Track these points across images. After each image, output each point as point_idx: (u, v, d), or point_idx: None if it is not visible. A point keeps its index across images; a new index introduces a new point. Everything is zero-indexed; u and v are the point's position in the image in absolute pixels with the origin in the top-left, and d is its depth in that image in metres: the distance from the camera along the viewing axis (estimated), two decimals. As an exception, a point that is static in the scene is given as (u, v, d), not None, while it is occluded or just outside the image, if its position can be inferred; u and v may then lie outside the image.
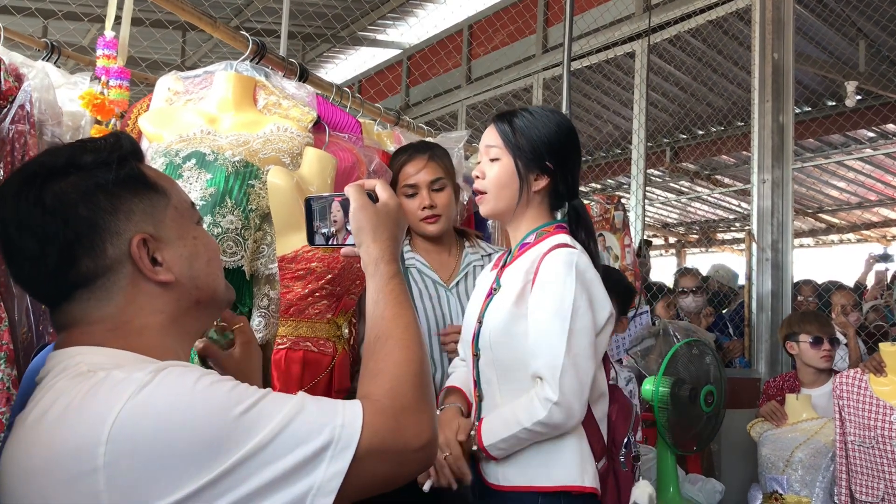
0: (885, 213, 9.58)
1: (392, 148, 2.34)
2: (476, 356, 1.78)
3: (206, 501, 0.84)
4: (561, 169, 1.78)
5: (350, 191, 1.18)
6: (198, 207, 1.27)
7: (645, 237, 5.09)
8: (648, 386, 3.27)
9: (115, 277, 0.98)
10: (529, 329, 1.67)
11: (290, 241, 1.71)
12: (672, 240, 12.19)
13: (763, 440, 3.30)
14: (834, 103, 6.14)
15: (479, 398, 1.79)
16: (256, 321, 1.70)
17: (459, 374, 1.94)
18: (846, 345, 4.13)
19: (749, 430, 3.42)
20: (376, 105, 2.47)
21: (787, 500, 3.13)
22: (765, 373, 4.24)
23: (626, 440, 1.83)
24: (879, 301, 5.54)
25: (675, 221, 11.25)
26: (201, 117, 1.81)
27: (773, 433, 3.28)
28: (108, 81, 1.89)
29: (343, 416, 0.93)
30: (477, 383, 1.80)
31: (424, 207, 2.17)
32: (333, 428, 0.91)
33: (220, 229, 1.63)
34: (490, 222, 2.63)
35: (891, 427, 2.87)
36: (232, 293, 1.14)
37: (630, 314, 3.99)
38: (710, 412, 3.28)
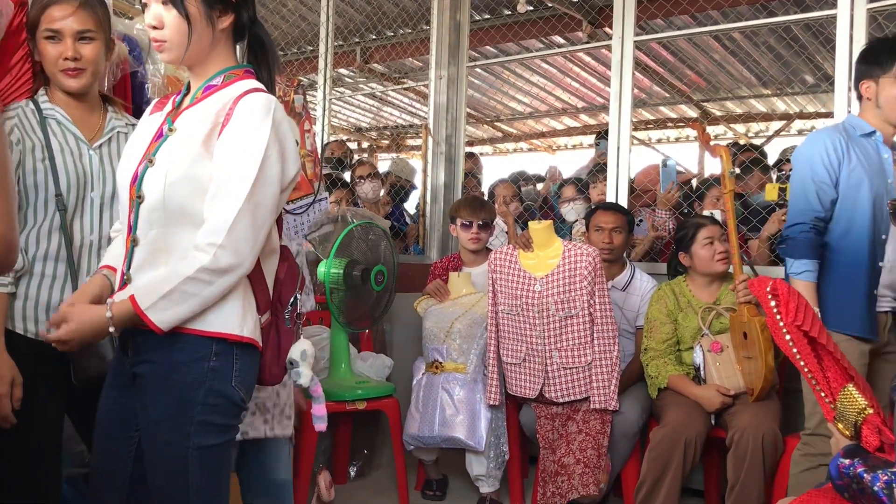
0: (553, 124, 10.47)
1: (22, -13, 2.06)
2: (138, 198, 1.66)
3: None
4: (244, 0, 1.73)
5: None
6: None
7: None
8: (323, 268, 3.33)
9: None
10: (214, 171, 1.60)
11: None
12: (365, 145, 12.39)
13: (427, 315, 3.52)
14: (510, 12, 6.51)
15: (133, 243, 1.67)
16: None
17: (115, 249, 1.82)
18: (507, 232, 4.53)
19: (416, 306, 3.63)
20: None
21: (445, 367, 3.40)
22: (436, 258, 4.50)
23: (292, 298, 1.85)
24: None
25: (367, 126, 11.40)
26: None
27: (436, 308, 3.52)
28: None
29: None
30: (133, 228, 1.68)
31: (66, 58, 1.99)
32: None
33: None
34: (148, 87, 2.46)
35: (533, 295, 3.20)
36: None
37: (309, 200, 4.02)
38: (380, 290, 3.44)
